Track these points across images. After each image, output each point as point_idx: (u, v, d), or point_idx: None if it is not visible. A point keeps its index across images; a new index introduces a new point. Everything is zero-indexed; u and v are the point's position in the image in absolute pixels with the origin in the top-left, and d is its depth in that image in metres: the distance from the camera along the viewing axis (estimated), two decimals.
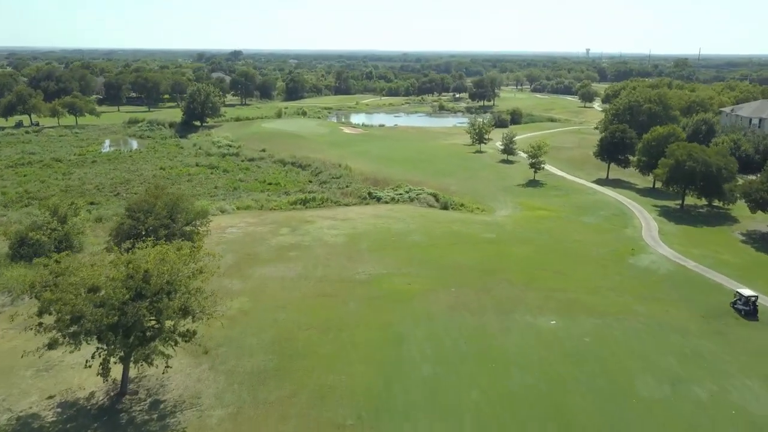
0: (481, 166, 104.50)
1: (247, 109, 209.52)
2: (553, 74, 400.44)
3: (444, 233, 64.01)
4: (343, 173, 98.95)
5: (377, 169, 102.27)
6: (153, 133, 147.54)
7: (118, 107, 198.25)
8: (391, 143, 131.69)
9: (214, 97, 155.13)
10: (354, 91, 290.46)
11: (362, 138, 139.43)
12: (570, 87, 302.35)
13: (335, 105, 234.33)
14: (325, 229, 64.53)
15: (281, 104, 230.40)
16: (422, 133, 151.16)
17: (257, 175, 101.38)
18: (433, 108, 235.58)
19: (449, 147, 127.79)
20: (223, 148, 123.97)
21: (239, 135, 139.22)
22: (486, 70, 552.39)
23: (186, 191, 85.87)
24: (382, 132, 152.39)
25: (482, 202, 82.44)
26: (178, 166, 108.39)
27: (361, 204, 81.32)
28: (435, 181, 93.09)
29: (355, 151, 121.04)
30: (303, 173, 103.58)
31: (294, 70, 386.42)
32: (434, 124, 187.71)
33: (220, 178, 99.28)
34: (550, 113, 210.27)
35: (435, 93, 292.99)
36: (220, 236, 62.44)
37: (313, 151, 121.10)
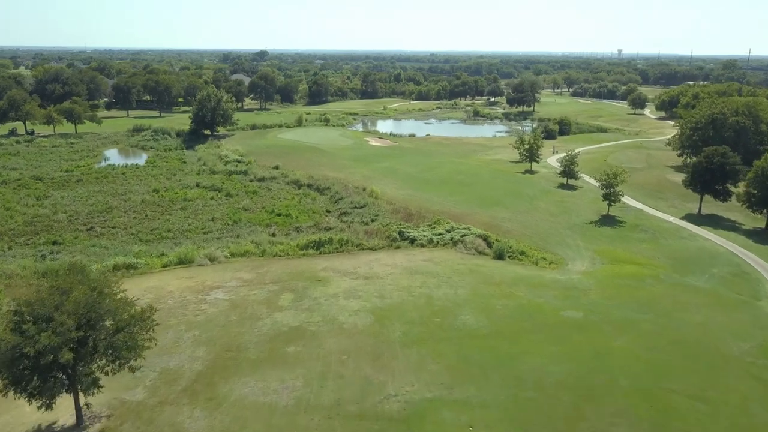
0: (536, 193, 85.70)
1: (265, 115, 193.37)
2: (593, 77, 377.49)
3: (508, 307, 45.77)
4: (368, 201, 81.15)
5: (409, 196, 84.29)
6: (157, 143, 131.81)
7: (128, 112, 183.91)
8: (423, 159, 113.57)
9: (225, 103, 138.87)
10: (381, 94, 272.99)
11: (390, 151, 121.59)
12: (614, 91, 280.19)
13: (361, 110, 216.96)
14: (341, 299, 46.81)
15: (303, 109, 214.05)
16: (459, 146, 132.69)
17: (265, 202, 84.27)
18: (468, 114, 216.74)
19: (493, 165, 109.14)
20: (230, 164, 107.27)
21: (252, 147, 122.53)
22: (518, 72, 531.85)
23: (171, 228, 69.64)
24: (412, 144, 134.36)
25: (547, 247, 63.87)
26: (175, 187, 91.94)
27: (390, 248, 63.49)
28: (481, 214, 74.73)
29: (382, 168, 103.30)
30: (320, 199, 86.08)
31: (319, 71, 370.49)
32: (470, 132, 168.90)
33: (220, 205, 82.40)
34: (597, 121, 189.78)
35: (468, 97, 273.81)
36: (197, 309, 45.19)
37: (333, 168, 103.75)
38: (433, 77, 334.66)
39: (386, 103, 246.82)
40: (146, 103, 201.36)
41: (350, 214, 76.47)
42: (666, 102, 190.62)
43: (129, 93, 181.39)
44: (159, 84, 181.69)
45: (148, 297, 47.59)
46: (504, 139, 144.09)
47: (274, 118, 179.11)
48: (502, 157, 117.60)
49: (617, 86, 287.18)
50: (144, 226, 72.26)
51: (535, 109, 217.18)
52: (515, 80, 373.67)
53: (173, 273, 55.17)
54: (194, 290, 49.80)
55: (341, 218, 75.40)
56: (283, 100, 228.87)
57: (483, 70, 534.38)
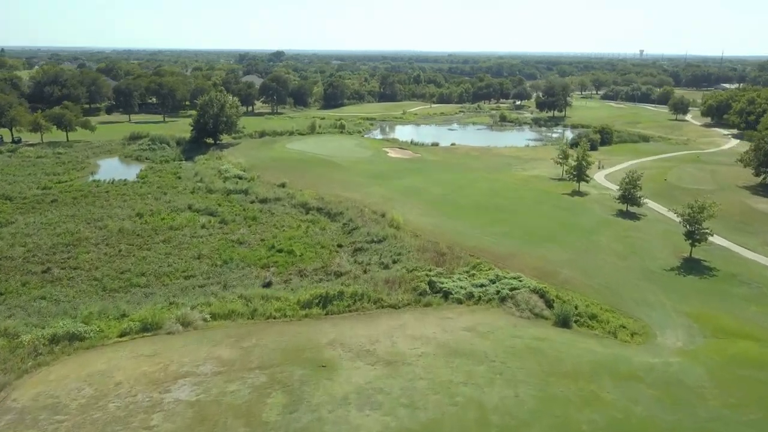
0: (593, 225, 70.64)
1: (276, 120, 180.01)
2: (621, 79, 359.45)
3: (596, 427, 31.12)
4: (389, 233, 66.77)
5: (438, 226, 69.86)
6: (153, 153, 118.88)
7: (129, 116, 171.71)
8: (451, 174, 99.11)
9: (230, 108, 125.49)
10: (400, 97, 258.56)
11: (412, 165, 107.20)
12: (648, 94, 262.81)
13: (379, 114, 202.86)
14: (353, 410, 32.60)
15: (317, 113, 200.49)
16: (490, 158, 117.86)
17: (266, 231, 70.35)
18: (494, 119, 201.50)
19: (532, 183, 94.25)
20: (230, 180, 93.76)
21: (257, 160, 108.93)
22: (540, 73, 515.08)
23: (146, 271, 55.82)
24: (437, 155, 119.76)
25: (623, 307, 49.08)
26: (163, 210, 78.50)
27: (418, 305, 49.16)
28: (530, 254, 60.09)
29: (404, 187, 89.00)
30: (331, 228, 71.95)
31: (336, 72, 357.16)
32: (499, 140, 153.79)
33: (212, 236, 68.63)
34: (636, 128, 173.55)
35: (492, 100, 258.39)
36: (145, 425, 31.19)
37: (348, 186, 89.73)
38: (454, 79, 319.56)
39: (405, 106, 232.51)
40: (151, 106, 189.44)
41: (366, 251, 62.25)
42: (714, 107, 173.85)
43: (131, 96, 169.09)
44: (162, 86, 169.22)
45: (83, 396, 33.84)
46: (539, 150, 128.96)
47: (286, 124, 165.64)
48: (541, 172, 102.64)
49: (651, 89, 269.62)
50: (113, 266, 58.68)
51: (567, 114, 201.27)
52: (540, 81, 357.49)
53: (131, 346, 41.38)
54: (151, 381, 35.93)
55: (356, 256, 61.21)
56: (297, 104, 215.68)
57: (504, 71, 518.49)
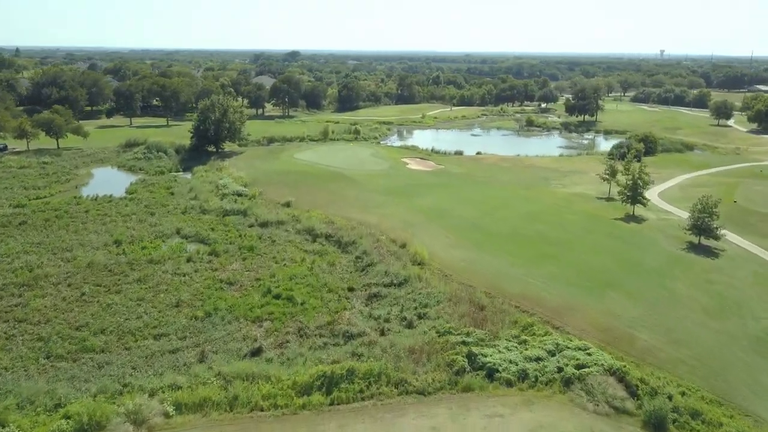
0: (662, 263, 57.52)
1: (287, 125, 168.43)
2: (650, 80, 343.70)
3: None
4: (411, 273, 54.31)
5: (472, 261, 57.38)
6: (149, 163, 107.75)
7: (130, 119, 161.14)
8: (480, 191, 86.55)
9: (233, 114, 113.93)
10: (418, 99, 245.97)
11: (435, 179, 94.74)
12: (682, 96, 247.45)
13: (396, 118, 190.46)
14: None
15: (331, 117, 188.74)
16: (521, 170, 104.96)
17: (262, 266, 58.39)
18: (519, 123, 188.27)
19: (576, 203, 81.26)
20: (229, 198, 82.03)
21: (260, 172, 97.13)
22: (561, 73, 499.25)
23: (108, 326, 43.82)
24: (462, 166, 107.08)
25: (733, 395, 36.36)
26: (147, 236, 66.95)
27: (454, 389, 36.78)
28: (592, 306, 47.39)
29: (427, 208, 76.58)
30: (341, 262, 59.74)
31: (351, 72, 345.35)
32: (528, 148, 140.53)
33: (199, 272, 56.83)
34: (677, 135, 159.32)
35: (515, 102, 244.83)
36: None
37: (362, 206, 77.54)
38: (474, 80, 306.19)
39: (424, 109, 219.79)
40: (156, 108, 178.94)
41: (384, 298, 49.98)
42: (763, 112, 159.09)
43: (132, 98, 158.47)
44: (166, 88, 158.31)
45: None
46: (576, 161, 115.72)
47: (296, 129, 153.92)
48: (584, 189, 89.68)
49: (686, 91, 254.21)
50: (69, 318, 46.97)
51: (598, 119, 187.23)
52: (563, 82, 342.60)
53: None
54: None
55: (371, 306, 49.01)
56: (309, 106, 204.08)
57: (524, 71, 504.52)
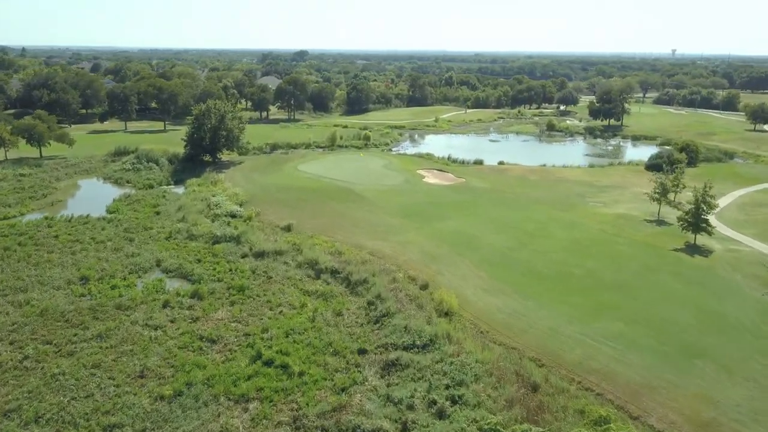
0: (754, 317, 45.95)
1: (292, 129, 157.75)
2: (670, 81, 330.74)
3: None
4: (438, 331, 43.16)
5: (513, 312, 46.26)
6: (137, 174, 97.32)
7: (125, 124, 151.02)
8: (511, 211, 75.30)
9: (231, 120, 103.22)
10: (431, 101, 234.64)
11: (457, 196, 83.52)
12: (709, 98, 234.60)
13: (408, 122, 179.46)
14: None
15: (339, 120, 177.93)
16: (552, 183, 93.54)
17: (254, 315, 47.66)
18: (540, 128, 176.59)
19: (624, 228, 69.73)
20: (221, 220, 71.34)
21: (260, 188, 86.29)
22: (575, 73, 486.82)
23: (43, 413, 33.49)
24: (485, 179, 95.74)
25: None
26: (121, 270, 56.49)
27: None
28: (680, 386, 36.28)
29: (451, 233, 65.57)
30: (350, 308, 48.86)
31: (360, 72, 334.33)
32: (553, 156, 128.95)
33: (176, 322, 46.29)
34: (712, 141, 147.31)
35: (533, 104, 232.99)
36: None
37: (374, 231, 66.63)
38: (488, 80, 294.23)
39: (437, 111, 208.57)
40: (154, 111, 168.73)
41: (405, 369, 39.00)
42: None
43: (126, 101, 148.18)
44: (162, 91, 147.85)
45: None
46: (611, 173, 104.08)
47: (302, 135, 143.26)
48: (628, 209, 78.19)
49: (713, 92, 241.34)
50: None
51: (624, 123, 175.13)
52: (581, 83, 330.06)
53: None
54: None
55: (388, 378, 38.15)
56: (317, 109, 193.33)
57: (536, 71, 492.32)
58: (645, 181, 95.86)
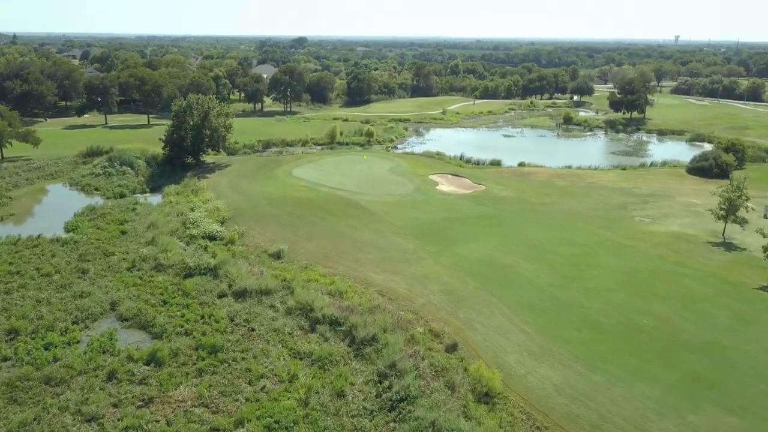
0: None
1: (288, 124, 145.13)
2: (685, 69, 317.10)
3: None
4: (476, 415, 31.09)
5: (579, 395, 34.09)
6: (109, 180, 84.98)
7: (106, 117, 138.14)
8: (546, 230, 62.92)
9: (216, 118, 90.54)
10: (436, 90, 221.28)
11: (478, 208, 70.98)
12: (732, 88, 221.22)
13: (413, 114, 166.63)
14: None
15: (339, 113, 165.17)
16: (585, 190, 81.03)
17: (227, 393, 35.61)
18: (555, 121, 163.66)
19: (689, 255, 57.23)
20: (198, 243, 59.21)
21: (246, 198, 73.65)
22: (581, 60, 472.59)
23: None
24: (507, 184, 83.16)
25: None
26: (63, 320, 44.53)
27: None
28: None
29: (477, 263, 53.36)
30: (356, 382, 36.69)
31: (360, 60, 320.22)
32: (577, 156, 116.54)
33: (118, 411, 34.07)
34: (747, 135, 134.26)
35: (545, 95, 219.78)
36: None
37: (383, 259, 54.39)
38: (495, 69, 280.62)
39: (444, 102, 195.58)
40: (139, 104, 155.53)
41: None
42: None
43: (106, 93, 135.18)
44: (145, 81, 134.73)
45: None
46: (649, 178, 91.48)
47: (298, 130, 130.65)
48: (683, 226, 65.73)
49: (736, 81, 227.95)
50: None
51: (647, 116, 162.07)
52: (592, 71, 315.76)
53: None
54: None
55: None
56: (315, 100, 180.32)
57: (542, 58, 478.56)
58: (690, 189, 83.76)
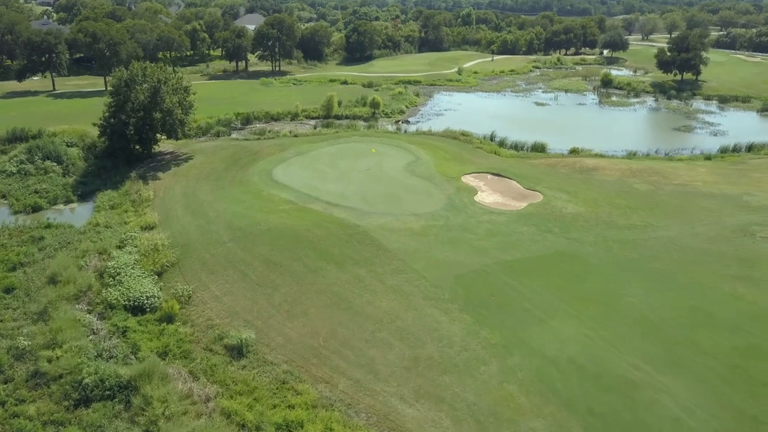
0: None
1: (276, 88, 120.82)
2: (718, 19, 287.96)
3: None
4: None
5: None
6: (23, 181, 62.35)
7: (53, 82, 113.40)
8: (664, 296, 40.80)
9: (171, 94, 66.51)
10: (447, 44, 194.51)
11: (542, 241, 48.30)
12: None
13: (424, 74, 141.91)
14: None
15: (337, 73, 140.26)
16: (679, 198, 58.31)
17: None
18: (592, 83, 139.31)
19: None
20: (114, 322, 36.90)
21: (202, 224, 50.42)
22: (594, 8, 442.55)
23: None
24: (570, 192, 60.14)
25: None
26: None
27: None
28: None
29: (565, 367, 31.86)
30: None
31: (359, 8, 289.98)
32: (636, 135, 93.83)
33: None
34: None
35: (571, 48, 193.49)
36: None
37: (411, 357, 32.65)
38: (510, 18, 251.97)
39: (457, 59, 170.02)
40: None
41: None
42: None
43: (52, 53, 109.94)
44: (96, 39, 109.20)
45: None
46: (751, 172, 68.51)
47: (287, 98, 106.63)
48: None
49: None
50: None
51: (701, 79, 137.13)
52: (616, 20, 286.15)
53: None
54: None
55: None
56: (308, 57, 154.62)
57: (552, 5, 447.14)
58: None
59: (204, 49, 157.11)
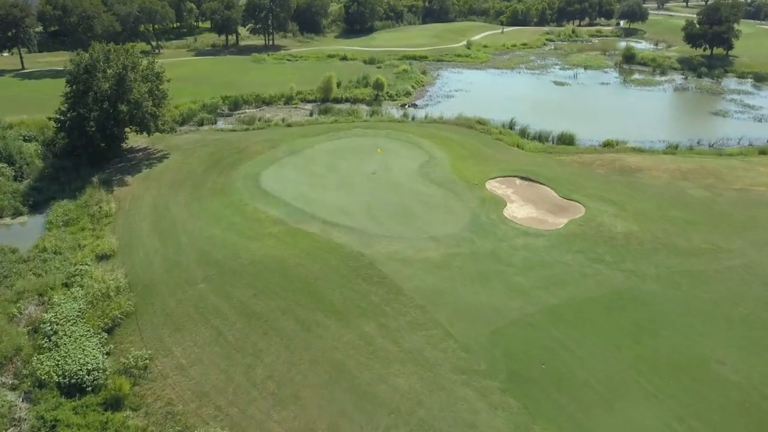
0: None
1: (269, 65, 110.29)
2: None
3: None
4: None
5: None
6: None
7: (21, 59, 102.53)
8: (755, 368, 31.53)
9: (140, 84, 56.24)
10: (453, 14, 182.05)
11: (592, 276, 38.94)
12: None
13: (430, 49, 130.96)
14: None
15: (335, 48, 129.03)
16: (747, 212, 48.82)
17: None
18: (612, 58, 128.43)
19: None
20: (44, 410, 27.51)
21: (169, 256, 40.68)
22: None
23: None
24: (616, 204, 50.49)
25: None
26: None
27: None
28: None
29: None
30: None
31: None
32: (671, 120, 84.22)
33: None
34: None
35: (585, 19, 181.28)
36: None
37: None
38: None
39: (464, 30, 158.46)
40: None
41: None
42: None
43: (19, 26, 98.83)
44: (67, 12, 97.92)
45: None
46: None
47: (281, 77, 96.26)
48: None
49: None
50: None
51: (733, 54, 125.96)
52: None
53: None
54: None
55: None
56: (304, 30, 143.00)
57: None
58: None
59: (192, 20, 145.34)
